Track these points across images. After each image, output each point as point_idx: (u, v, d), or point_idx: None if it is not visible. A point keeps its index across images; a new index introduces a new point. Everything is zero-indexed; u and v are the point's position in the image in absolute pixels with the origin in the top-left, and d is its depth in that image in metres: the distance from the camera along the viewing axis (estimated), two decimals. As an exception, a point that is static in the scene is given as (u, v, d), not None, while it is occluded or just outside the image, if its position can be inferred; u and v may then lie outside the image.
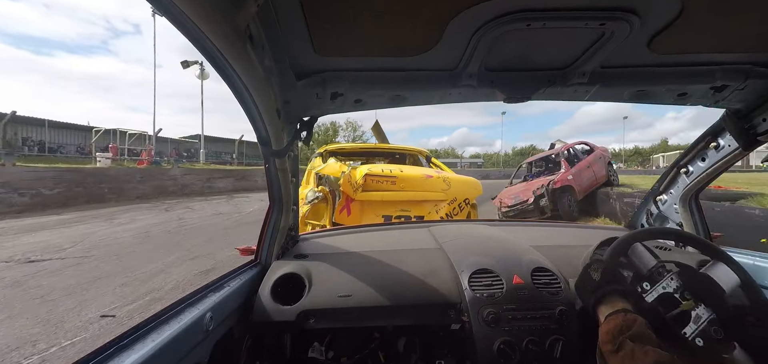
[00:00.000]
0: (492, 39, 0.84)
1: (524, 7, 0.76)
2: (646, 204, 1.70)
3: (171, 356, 0.77)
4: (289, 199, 1.39)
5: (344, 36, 0.84)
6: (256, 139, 1.04)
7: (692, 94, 1.13)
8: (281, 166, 1.22)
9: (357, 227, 2.07)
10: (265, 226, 1.40)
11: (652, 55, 0.95)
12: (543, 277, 1.20)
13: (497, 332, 1.08)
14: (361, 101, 1.15)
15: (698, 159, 1.39)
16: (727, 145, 1.27)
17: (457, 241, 1.56)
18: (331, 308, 1.19)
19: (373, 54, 0.93)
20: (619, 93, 1.14)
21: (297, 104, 1.12)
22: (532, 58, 0.98)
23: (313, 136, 1.23)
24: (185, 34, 0.58)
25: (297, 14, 0.74)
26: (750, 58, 0.99)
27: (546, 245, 1.49)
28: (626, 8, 0.76)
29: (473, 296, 1.15)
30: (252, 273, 1.28)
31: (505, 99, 1.11)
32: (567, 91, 1.10)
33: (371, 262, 1.39)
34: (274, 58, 0.88)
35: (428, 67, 1.00)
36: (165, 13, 0.53)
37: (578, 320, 1.10)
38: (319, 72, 0.99)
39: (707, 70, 1.01)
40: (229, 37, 0.61)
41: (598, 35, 0.85)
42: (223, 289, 1.07)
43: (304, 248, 1.59)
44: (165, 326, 0.80)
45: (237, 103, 0.86)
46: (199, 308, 0.92)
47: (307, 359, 1.34)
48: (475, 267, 1.23)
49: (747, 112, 1.16)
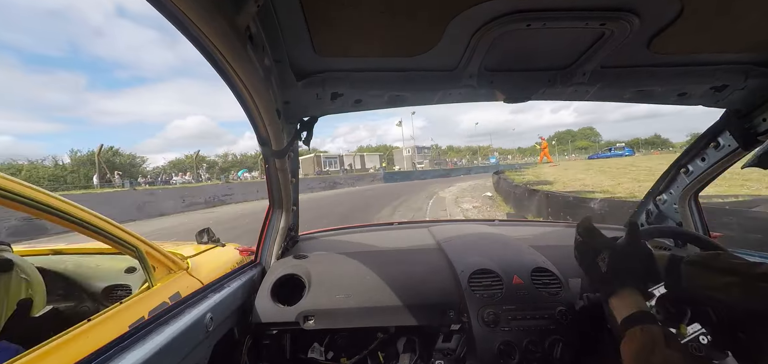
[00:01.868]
0: (492, 39, 0.84)
1: (524, 7, 0.76)
2: (646, 203, 1.70)
3: (172, 356, 0.77)
4: (288, 199, 1.39)
5: (344, 36, 0.83)
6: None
7: (692, 94, 1.13)
8: (281, 167, 1.22)
9: (357, 226, 2.07)
10: (265, 226, 1.40)
11: (652, 55, 0.95)
12: (543, 277, 1.20)
13: (497, 332, 1.08)
14: (361, 101, 1.15)
15: (698, 158, 1.39)
16: (727, 145, 1.26)
17: (457, 241, 1.56)
18: (331, 308, 1.19)
19: (374, 54, 0.93)
20: (619, 93, 1.14)
21: (297, 105, 1.11)
22: (532, 58, 0.98)
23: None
24: (185, 34, 0.58)
25: (297, 14, 0.74)
26: (750, 58, 0.99)
27: (546, 245, 1.49)
28: (626, 8, 0.76)
29: (473, 296, 1.15)
30: (252, 274, 1.28)
31: (505, 99, 1.11)
32: (567, 91, 1.10)
33: (371, 262, 1.39)
34: (274, 59, 0.88)
35: (428, 68, 1.00)
36: (165, 13, 0.53)
37: (578, 321, 1.10)
38: (319, 72, 0.99)
39: (707, 69, 1.01)
40: (229, 38, 0.61)
41: (598, 35, 0.85)
42: (223, 289, 1.07)
43: (303, 249, 1.59)
44: (166, 326, 0.80)
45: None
46: (200, 309, 0.92)
47: (307, 359, 1.34)
48: (475, 267, 1.23)
49: (747, 111, 1.16)
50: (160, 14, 0.53)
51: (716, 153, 1.31)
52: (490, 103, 2.14)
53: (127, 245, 1.64)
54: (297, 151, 1.40)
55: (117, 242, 1.58)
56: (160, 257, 1.85)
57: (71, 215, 1.32)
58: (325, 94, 1.05)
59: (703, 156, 1.37)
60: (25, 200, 1.12)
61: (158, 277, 1.77)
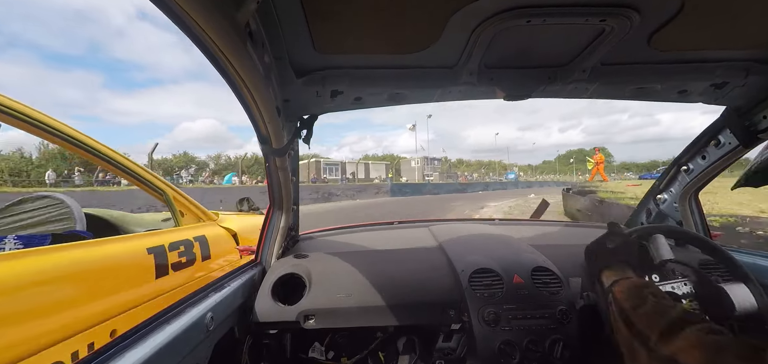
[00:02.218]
0: (492, 35, 0.84)
1: (524, 3, 0.76)
2: (646, 202, 1.69)
3: (172, 355, 0.76)
4: (289, 198, 1.39)
5: (344, 33, 0.83)
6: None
7: (693, 91, 1.13)
8: (281, 165, 1.22)
9: (358, 225, 2.07)
10: (266, 226, 1.40)
11: (652, 52, 0.95)
12: (543, 276, 1.20)
13: (497, 331, 1.08)
14: (360, 99, 1.15)
15: (698, 157, 1.39)
16: (727, 143, 1.26)
17: (457, 240, 1.56)
18: (332, 307, 1.18)
19: (373, 51, 0.93)
20: (619, 90, 1.13)
21: (297, 102, 1.11)
22: (531, 55, 0.98)
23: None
24: (185, 32, 0.58)
25: (297, 11, 0.74)
26: (751, 55, 0.98)
27: (546, 244, 1.49)
28: (626, 4, 0.76)
29: (473, 295, 1.14)
30: (252, 273, 1.27)
31: (505, 97, 1.11)
32: (567, 89, 1.10)
33: (371, 261, 1.38)
34: (274, 56, 0.88)
35: (428, 65, 1.00)
36: (164, 10, 0.52)
37: (578, 320, 1.10)
38: (319, 70, 0.99)
39: (708, 66, 1.01)
40: (228, 35, 0.60)
41: (598, 32, 0.85)
42: (223, 289, 1.07)
43: (304, 248, 1.59)
44: (166, 325, 0.80)
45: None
46: (200, 308, 0.91)
47: (308, 358, 1.34)
48: (475, 266, 1.22)
49: (748, 109, 1.16)
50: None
51: (717, 151, 1.31)
52: (501, 119, 2.14)
53: (155, 188, 1.98)
54: (297, 151, 1.40)
55: (145, 183, 1.93)
56: (190, 206, 2.19)
57: (103, 154, 1.69)
58: (325, 92, 1.05)
59: (703, 154, 1.36)
60: (63, 135, 1.50)
61: (186, 222, 2.12)
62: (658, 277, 1.01)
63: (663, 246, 1.07)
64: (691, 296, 0.97)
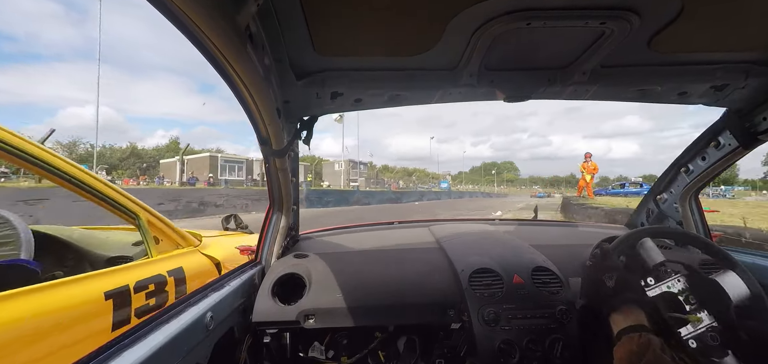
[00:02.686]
0: (492, 38, 0.84)
1: (525, 6, 0.76)
2: (647, 203, 1.69)
3: (172, 355, 0.77)
4: (289, 199, 1.40)
5: (344, 35, 0.84)
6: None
7: (693, 93, 1.13)
8: (281, 166, 1.22)
9: (357, 225, 2.07)
10: (266, 225, 1.40)
11: (652, 54, 0.95)
12: (543, 276, 1.20)
13: (497, 331, 1.08)
14: (360, 101, 1.15)
15: (698, 158, 1.39)
16: (727, 144, 1.26)
17: (458, 240, 1.56)
18: (332, 307, 1.19)
19: (374, 53, 0.93)
20: (619, 92, 1.14)
21: (297, 104, 1.12)
22: (531, 57, 0.98)
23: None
24: (185, 34, 0.58)
25: (297, 14, 0.74)
26: (750, 57, 0.99)
27: (546, 244, 1.49)
28: (626, 7, 0.76)
29: (473, 295, 1.15)
30: (252, 273, 1.28)
31: (505, 98, 1.11)
32: (567, 91, 1.10)
33: (371, 261, 1.39)
34: (274, 58, 0.88)
35: (428, 67, 1.00)
36: (164, 13, 0.53)
37: (578, 320, 1.10)
38: (319, 71, 0.99)
39: (708, 68, 1.01)
40: (229, 37, 0.61)
41: (599, 34, 0.85)
42: (223, 288, 1.07)
43: (304, 248, 1.59)
44: (166, 325, 0.80)
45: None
46: (200, 308, 0.92)
47: (308, 358, 1.35)
48: (475, 266, 1.23)
49: (747, 110, 1.16)
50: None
51: (717, 152, 1.31)
52: (423, 130, 2.12)
53: (126, 210, 1.58)
54: (297, 152, 1.41)
55: (114, 206, 1.54)
56: (167, 231, 1.80)
57: (65, 172, 1.32)
58: (325, 94, 1.05)
59: (703, 155, 1.37)
60: (22, 154, 1.17)
61: (162, 250, 1.73)
62: (653, 279, 1.03)
63: (653, 250, 1.09)
64: (686, 291, 1.00)
